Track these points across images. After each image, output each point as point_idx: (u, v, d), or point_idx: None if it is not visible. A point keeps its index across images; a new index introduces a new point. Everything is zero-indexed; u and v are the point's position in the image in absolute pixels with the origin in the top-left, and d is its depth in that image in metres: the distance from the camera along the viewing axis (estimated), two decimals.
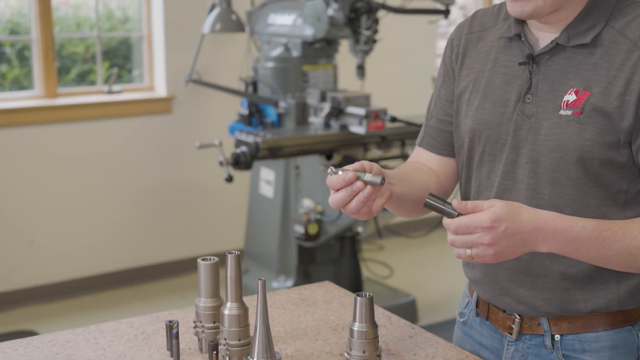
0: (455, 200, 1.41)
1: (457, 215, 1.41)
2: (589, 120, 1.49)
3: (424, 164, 1.78)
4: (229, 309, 1.59)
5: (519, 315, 1.66)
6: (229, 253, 1.58)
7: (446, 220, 1.41)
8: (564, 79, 1.54)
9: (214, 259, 1.65)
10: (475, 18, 1.74)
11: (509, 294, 1.66)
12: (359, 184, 1.45)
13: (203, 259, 1.65)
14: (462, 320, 1.82)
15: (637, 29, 1.49)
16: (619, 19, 1.52)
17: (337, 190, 1.47)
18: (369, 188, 1.46)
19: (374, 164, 1.51)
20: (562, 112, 1.52)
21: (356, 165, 1.49)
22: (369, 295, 1.54)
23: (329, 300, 1.98)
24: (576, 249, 1.44)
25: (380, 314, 1.87)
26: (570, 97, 1.51)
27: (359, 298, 1.53)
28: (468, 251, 1.40)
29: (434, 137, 1.78)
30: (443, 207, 1.42)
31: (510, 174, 1.60)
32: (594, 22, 1.52)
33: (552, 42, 1.55)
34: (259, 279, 1.50)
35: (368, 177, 1.47)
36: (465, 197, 1.73)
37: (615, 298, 1.58)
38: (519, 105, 1.58)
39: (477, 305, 1.77)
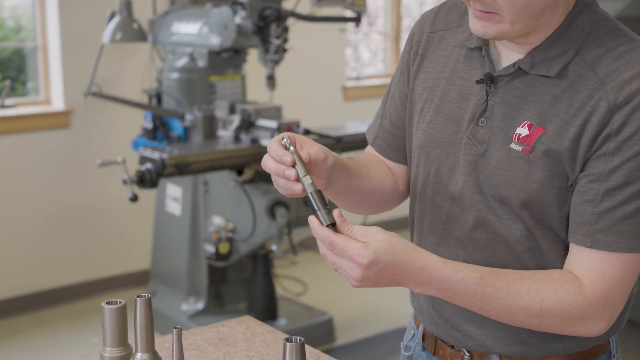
0: (337, 211, 1.29)
1: (329, 225, 1.28)
2: (539, 160, 1.33)
3: (382, 160, 1.63)
4: None
5: (468, 351, 1.50)
6: (138, 296, 1.38)
7: (321, 230, 1.27)
8: (520, 108, 1.37)
9: (120, 302, 1.44)
10: (440, 12, 1.54)
11: (456, 329, 1.50)
12: (292, 172, 1.31)
13: (108, 303, 1.44)
14: (407, 354, 1.65)
15: (609, 64, 1.31)
16: (593, 48, 1.34)
17: (272, 159, 1.34)
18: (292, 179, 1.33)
19: (329, 158, 1.37)
20: (512, 145, 1.36)
21: (313, 151, 1.35)
22: (300, 340, 1.36)
23: (250, 338, 1.80)
24: (450, 297, 1.32)
25: (309, 353, 1.69)
26: (523, 130, 1.35)
27: (288, 344, 1.35)
28: (335, 266, 1.29)
29: (385, 140, 1.61)
30: (317, 209, 1.31)
31: (458, 201, 1.44)
32: (564, 49, 1.34)
33: (514, 64, 1.38)
34: (174, 327, 1.30)
35: (306, 179, 1.33)
36: (410, 216, 1.58)
37: (572, 340, 1.44)
38: (471, 128, 1.42)
39: (423, 339, 1.60)
